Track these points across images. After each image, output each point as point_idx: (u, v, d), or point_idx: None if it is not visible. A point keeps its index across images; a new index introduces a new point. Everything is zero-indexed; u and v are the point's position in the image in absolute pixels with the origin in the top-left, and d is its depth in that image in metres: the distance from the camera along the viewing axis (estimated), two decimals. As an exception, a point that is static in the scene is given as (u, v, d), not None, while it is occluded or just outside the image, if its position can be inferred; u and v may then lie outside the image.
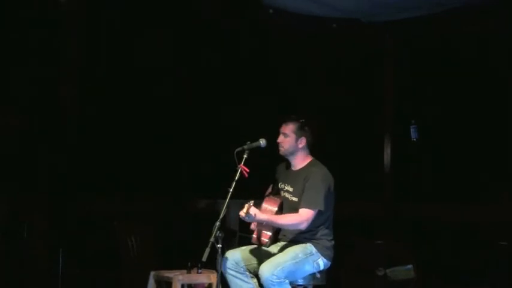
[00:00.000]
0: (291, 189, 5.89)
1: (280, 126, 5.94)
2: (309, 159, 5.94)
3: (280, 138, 5.89)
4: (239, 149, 5.70)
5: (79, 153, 8.05)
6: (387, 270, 7.63)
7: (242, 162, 5.64)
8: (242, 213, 5.54)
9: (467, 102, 8.09)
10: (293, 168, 5.95)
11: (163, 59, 8.47)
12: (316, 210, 5.69)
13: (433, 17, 7.66)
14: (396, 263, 7.70)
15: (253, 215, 5.56)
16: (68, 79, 8.06)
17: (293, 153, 5.90)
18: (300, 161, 5.93)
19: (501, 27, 7.53)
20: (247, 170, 5.62)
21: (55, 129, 7.95)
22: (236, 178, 5.59)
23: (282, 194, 5.96)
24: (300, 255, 5.73)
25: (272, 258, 5.71)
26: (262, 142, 5.78)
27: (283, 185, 5.98)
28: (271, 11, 7.54)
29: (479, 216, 7.84)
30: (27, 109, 7.84)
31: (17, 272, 7.55)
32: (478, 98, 8.01)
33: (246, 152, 5.69)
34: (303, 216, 5.69)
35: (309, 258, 5.77)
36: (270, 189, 6.17)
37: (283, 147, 5.89)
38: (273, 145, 5.90)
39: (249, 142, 5.74)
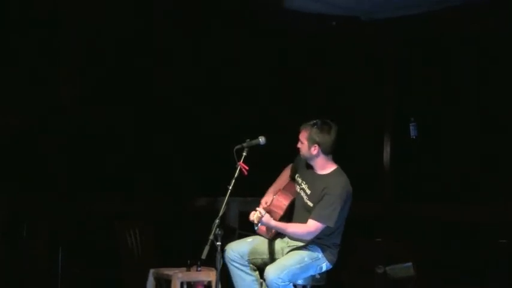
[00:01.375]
0: (308, 191, 5.83)
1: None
2: (332, 166, 5.84)
3: (299, 144, 5.84)
4: (238, 146, 5.67)
5: (79, 153, 8.06)
6: (387, 268, 7.63)
7: (241, 160, 5.62)
8: (255, 219, 5.55)
9: (468, 101, 8.10)
10: (315, 170, 5.88)
11: (163, 59, 8.48)
12: (325, 226, 5.68)
13: (433, 15, 7.66)
14: (396, 262, 7.69)
15: (266, 222, 5.60)
16: (68, 79, 8.08)
17: (311, 159, 5.84)
18: (321, 166, 5.84)
19: (501, 26, 7.53)
20: (247, 168, 5.60)
21: (55, 129, 7.96)
22: (235, 176, 5.57)
23: (298, 189, 5.91)
24: (306, 260, 5.74)
25: (278, 261, 5.73)
26: (262, 140, 5.75)
27: (300, 180, 5.91)
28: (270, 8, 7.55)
29: (479, 216, 7.82)
30: (27, 109, 7.85)
31: (17, 272, 7.55)
32: (478, 97, 8.01)
33: (246, 149, 5.67)
34: (311, 228, 5.68)
35: (314, 263, 5.78)
36: (287, 174, 6.13)
37: (301, 151, 5.85)
38: (273, 143, 5.88)
39: (248, 140, 5.72)
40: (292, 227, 5.78)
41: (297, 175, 5.98)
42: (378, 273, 7.65)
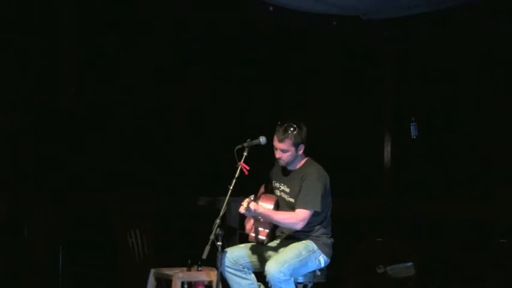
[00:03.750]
0: (287, 190, 5.88)
1: (273, 140, 5.79)
2: (304, 159, 5.92)
3: (279, 154, 5.81)
4: (239, 146, 5.68)
5: (79, 153, 8.06)
6: (387, 268, 7.64)
7: (242, 160, 5.63)
8: (242, 208, 5.54)
9: (467, 101, 8.10)
10: (289, 168, 5.92)
11: (163, 59, 8.48)
12: (313, 211, 5.71)
13: (433, 15, 7.66)
14: (396, 262, 7.70)
15: (253, 209, 5.58)
16: (68, 79, 8.08)
17: (293, 161, 5.87)
18: (299, 162, 5.90)
19: (501, 26, 7.53)
20: (248, 168, 5.60)
21: (55, 128, 7.96)
22: (236, 175, 5.57)
23: (278, 193, 5.95)
24: (303, 253, 5.74)
25: (277, 256, 5.73)
26: (262, 139, 5.76)
27: (278, 184, 5.96)
28: (271, 8, 7.52)
29: (479, 216, 7.83)
30: (27, 109, 7.85)
31: (17, 271, 7.56)
32: (478, 97, 8.02)
33: (246, 149, 5.68)
34: (300, 216, 5.70)
35: (312, 256, 5.78)
36: (262, 189, 6.15)
37: (283, 160, 5.84)
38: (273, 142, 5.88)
39: (249, 139, 5.73)
40: (279, 214, 5.80)
41: (273, 182, 6.02)
42: (378, 273, 7.66)
